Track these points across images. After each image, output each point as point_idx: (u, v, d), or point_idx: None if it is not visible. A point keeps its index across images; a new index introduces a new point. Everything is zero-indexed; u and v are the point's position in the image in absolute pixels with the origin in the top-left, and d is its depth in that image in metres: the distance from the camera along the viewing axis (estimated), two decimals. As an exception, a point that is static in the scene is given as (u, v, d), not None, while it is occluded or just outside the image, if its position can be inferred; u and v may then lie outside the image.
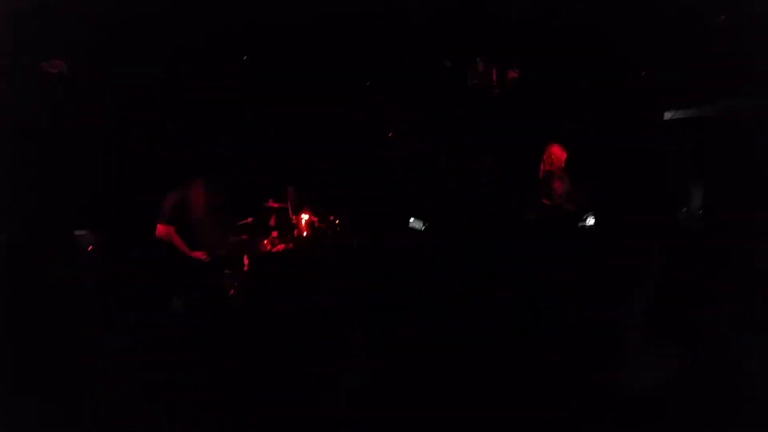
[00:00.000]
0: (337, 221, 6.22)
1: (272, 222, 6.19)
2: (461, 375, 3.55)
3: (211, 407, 3.34)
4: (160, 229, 4.81)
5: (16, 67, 4.34)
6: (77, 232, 5.24)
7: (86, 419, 3.14)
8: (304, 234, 6.03)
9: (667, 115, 6.46)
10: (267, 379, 3.71)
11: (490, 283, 4.86)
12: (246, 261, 5.60)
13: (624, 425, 3.02)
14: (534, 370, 3.51)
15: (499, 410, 3.21)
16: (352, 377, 3.72)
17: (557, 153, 5.54)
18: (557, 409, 3.21)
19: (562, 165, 5.53)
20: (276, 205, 6.23)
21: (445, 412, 3.19)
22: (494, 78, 5.58)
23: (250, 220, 6.07)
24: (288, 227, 6.17)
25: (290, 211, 6.25)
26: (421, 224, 5.46)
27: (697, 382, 3.14)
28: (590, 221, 6.04)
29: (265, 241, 5.98)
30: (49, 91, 4.59)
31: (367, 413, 3.28)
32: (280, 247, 5.93)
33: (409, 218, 5.47)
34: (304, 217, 6.14)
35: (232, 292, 5.32)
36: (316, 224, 6.16)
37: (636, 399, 3.13)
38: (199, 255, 4.82)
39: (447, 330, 4.23)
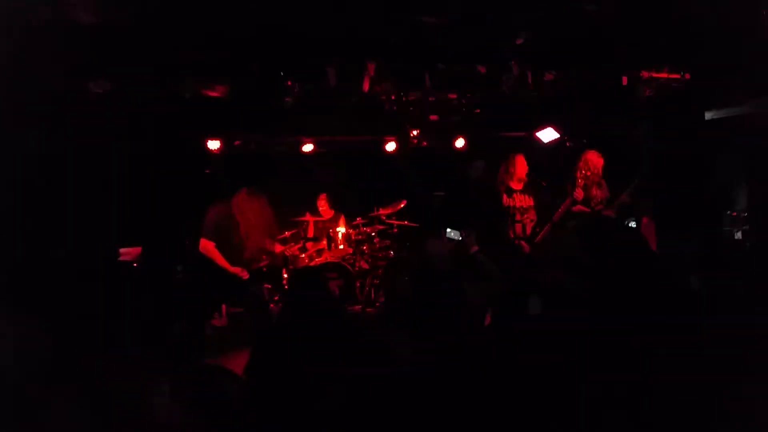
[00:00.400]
0: (373, 233, 6.20)
1: (309, 234, 6.22)
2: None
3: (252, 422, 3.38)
4: (203, 244, 4.85)
5: (63, 86, 4.41)
6: (122, 249, 5.37)
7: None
8: (341, 247, 6.02)
9: (709, 115, 6.28)
10: (307, 393, 3.72)
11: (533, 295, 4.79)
12: (285, 275, 5.66)
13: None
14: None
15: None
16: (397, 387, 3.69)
17: (593, 159, 5.40)
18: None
19: (599, 171, 5.41)
20: (312, 218, 6.25)
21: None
22: (530, 82, 5.47)
23: (288, 234, 6.11)
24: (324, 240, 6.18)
25: (325, 223, 6.27)
26: (458, 234, 5.40)
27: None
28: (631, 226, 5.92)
29: (303, 255, 6.01)
30: (93, 109, 4.66)
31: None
32: (319, 260, 5.95)
33: (446, 228, 5.42)
34: (341, 230, 6.14)
35: (272, 306, 5.38)
36: (353, 237, 6.16)
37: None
38: (239, 271, 4.82)
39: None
